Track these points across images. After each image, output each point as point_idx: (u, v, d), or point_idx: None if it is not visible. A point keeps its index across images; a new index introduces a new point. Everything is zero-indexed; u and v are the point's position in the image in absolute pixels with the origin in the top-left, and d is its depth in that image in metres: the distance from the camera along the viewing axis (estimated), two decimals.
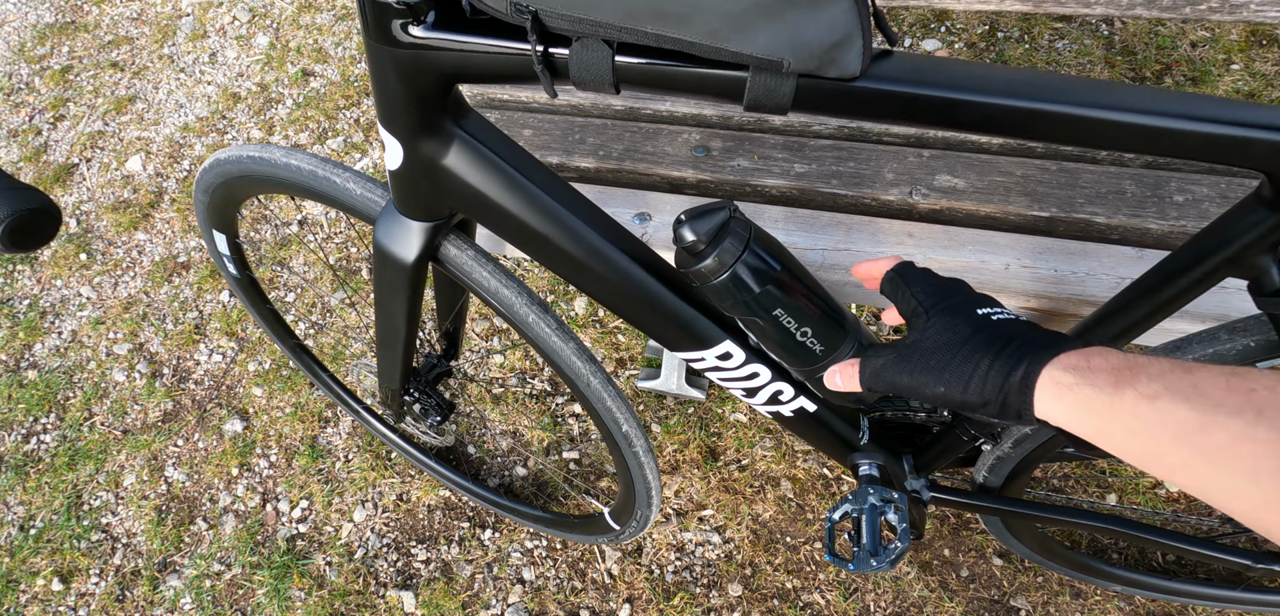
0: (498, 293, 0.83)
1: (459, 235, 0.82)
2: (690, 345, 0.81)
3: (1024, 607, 1.28)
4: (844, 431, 0.94)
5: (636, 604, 1.40)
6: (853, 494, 0.93)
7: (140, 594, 1.61)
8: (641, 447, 0.98)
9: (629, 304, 0.78)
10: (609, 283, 0.76)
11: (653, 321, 0.79)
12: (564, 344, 0.86)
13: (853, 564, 0.88)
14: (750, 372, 0.84)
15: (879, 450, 0.96)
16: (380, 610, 1.50)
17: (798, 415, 0.90)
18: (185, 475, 1.70)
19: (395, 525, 1.56)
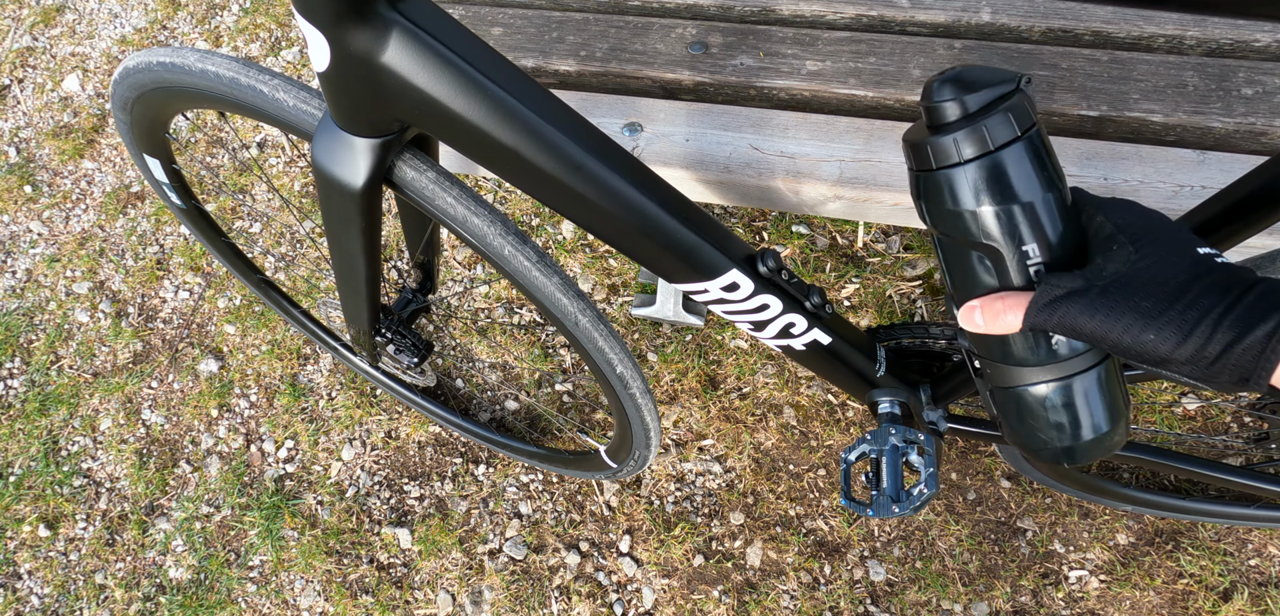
0: (466, 221, 0.71)
1: (416, 153, 0.69)
2: (691, 276, 0.72)
3: (1031, 528, 1.26)
4: (861, 364, 0.87)
5: (637, 535, 1.38)
6: (871, 433, 0.88)
7: (130, 538, 1.58)
8: (638, 388, 0.91)
9: (619, 230, 0.68)
10: (595, 206, 0.65)
11: (647, 250, 0.69)
12: (547, 278, 0.75)
13: (872, 509, 0.83)
14: (759, 304, 0.76)
15: (896, 383, 0.90)
16: (376, 548, 1.47)
17: (810, 348, 0.83)
18: (163, 418, 1.63)
19: (386, 462, 1.52)
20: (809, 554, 1.31)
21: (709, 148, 0.96)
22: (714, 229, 0.72)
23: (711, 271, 0.72)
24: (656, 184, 0.68)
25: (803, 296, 0.78)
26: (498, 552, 1.42)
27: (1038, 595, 1.24)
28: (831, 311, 0.81)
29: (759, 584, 1.31)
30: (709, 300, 0.76)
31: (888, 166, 0.93)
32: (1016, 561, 1.25)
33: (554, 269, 0.76)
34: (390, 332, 1.00)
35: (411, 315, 1.12)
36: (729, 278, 0.73)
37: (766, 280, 0.75)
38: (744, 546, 1.33)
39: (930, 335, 0.95)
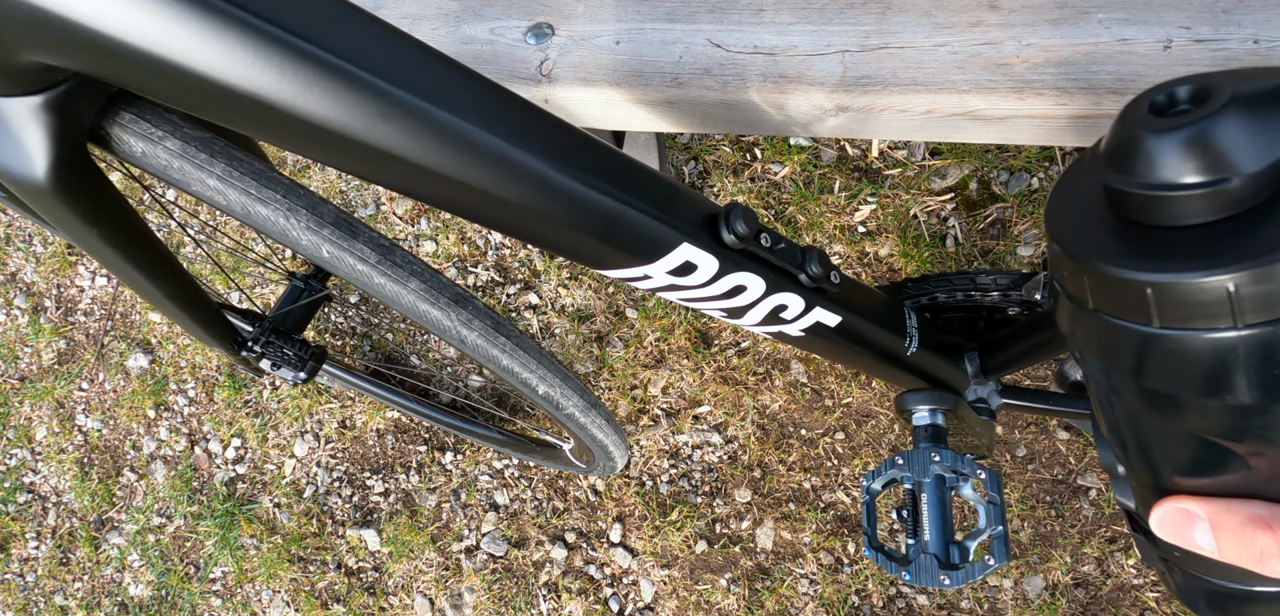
0: (246, 209, 0.46)
1: (143, 106, 0.45)
2: (620, 259, 0.49)
3: (1096, 486, 1.05)
4: (884, 341, 0.64)
5: (629, 522, 1.19)
6: (905, 455, 0.65)
7: (84, 555, 1.44)
8: (575, 405, 0.69)
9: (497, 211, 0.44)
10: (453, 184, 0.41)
11: (547, 233, 0.46)
12: (399, 285, 0.51)
13: (909, 572, 0.62)
14: (731, 287, 0.53)
15: (932, 354, 0.67)
16: (341, 552, 1.31)
17: (813, 333, 0.60)
18: (100, 422, 1.46)
19: (343, 455, 1.34)
20: (829, 531, 1.12)
21: (650, 50, 0.69)
22: (650, 185, 0.48)
23: (650, 250, 0.48)
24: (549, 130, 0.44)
25: (795, 266, 0.54)
26: (475, 549, 1.25)
27: (1104, 563, 1.04)
28: (839, 280, 0.57)
29: (773, 568, 1.13)
30: (654, 288, 0.53)
31: (915, 53, 0.65)
32: (1078, 526, 1.05)
33: (409, 268, 0.51)
34: (259, 348, 0.77)
35: (303, 313, 0.89)
36: (678, 256, 0.49)
37: (737, 253, 0.52)
38: (753, 527, 1.15)
39: (977, 285, 0.71)
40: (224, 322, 0.70)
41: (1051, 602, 1.05)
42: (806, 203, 1.15)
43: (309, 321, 0.89)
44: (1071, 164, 0.36)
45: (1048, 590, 1.05)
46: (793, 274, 0.55)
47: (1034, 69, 0.60)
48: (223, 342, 0.71)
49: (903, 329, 0.65)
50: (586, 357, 1.23)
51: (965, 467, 0.63)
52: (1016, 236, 1.08)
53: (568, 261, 1.24)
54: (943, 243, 1.11)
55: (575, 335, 1.23)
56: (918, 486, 0.64)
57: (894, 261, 1.12)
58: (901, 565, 0.62)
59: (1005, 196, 1.09)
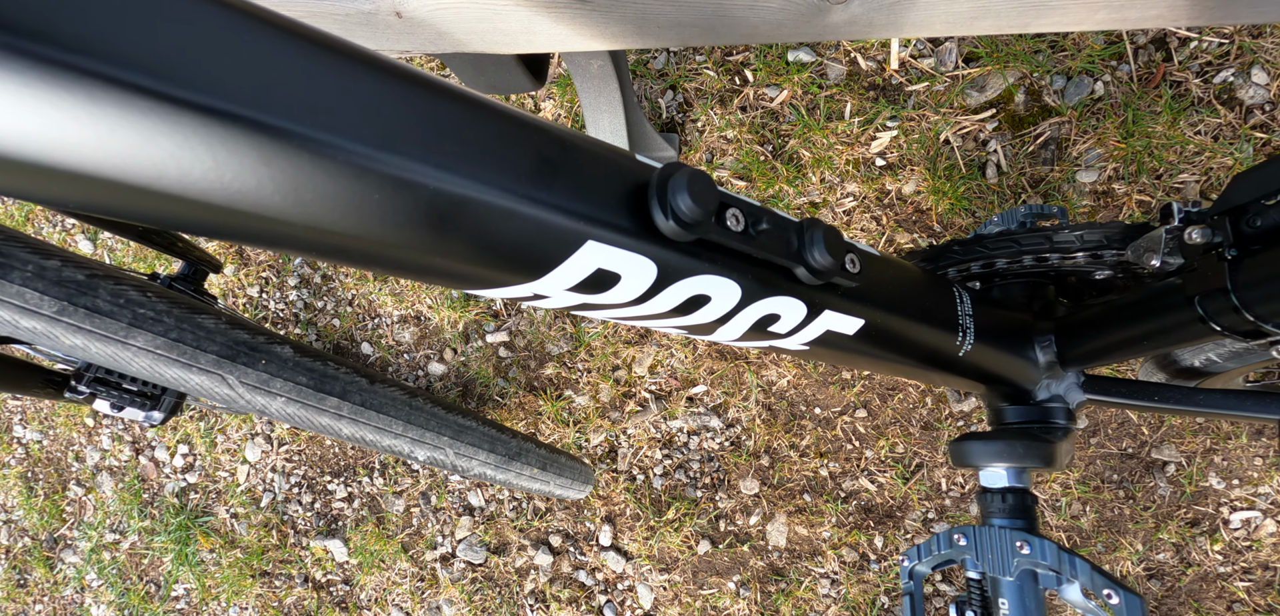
0: None
1: None
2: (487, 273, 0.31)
3: (1174, 460, 0.87)
4: (927, 341, 0.46)
5: (619, 522, 1.04)
6: (969, 533, 0.47)
7: (41, 576, 1.33)
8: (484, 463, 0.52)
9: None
10: (211, 207, 0.24)
11: (336, 240, 0.27)
12: (115, 341, 0.33)
13: None
14: (688, 296, 0.35)
15: (993, 347, 0.48)
16: (307, 564, 1.18)
17: (824, 345, 0.42)
18: (38, 433, 1.32)
19: (299, 458, 1.19)
20: (852, 524, 0.96)
21: None
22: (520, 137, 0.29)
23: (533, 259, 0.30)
24: (302, 53, 0.24)
25: (787, 255, 0.36)
26: (451, 557, 1.11)
27: (1183, 551, 0.87)
28: (857, 265, 0.39)
29: (787, 569, 0.98)
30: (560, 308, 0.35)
31: None
32: (1151, 507, 0.88)
33: (131, 317, 0.32)
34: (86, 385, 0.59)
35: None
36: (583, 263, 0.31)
37: (687, 248, 0.33)
38: (763, 523, 0.99)
39: (1057, 246, 0.50)
40: (10, 362, 0.53)
41: None
42: (811, 134, 0.94)
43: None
44: None
45: None
46: (785, 267, 0.37)
47: None
48: (22, 386, 0.54)
49: (953, 320, 0.46)
50: (559, 336, 1.05)
51: (1079, 575, 0.44)
52: (1076, 159, 0.87)
53: None
54: (981, 173, 0.90)
55: (543, 310, 1.05)
56: (990, 583, 0.46)
57: (921, 200, 0.92)
58: None
59: (1061, 109, 0.87)
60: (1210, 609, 0.86)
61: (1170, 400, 0.50)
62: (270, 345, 0.36)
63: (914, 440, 0.94)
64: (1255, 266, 0.36)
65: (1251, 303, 0.36)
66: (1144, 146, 0.82)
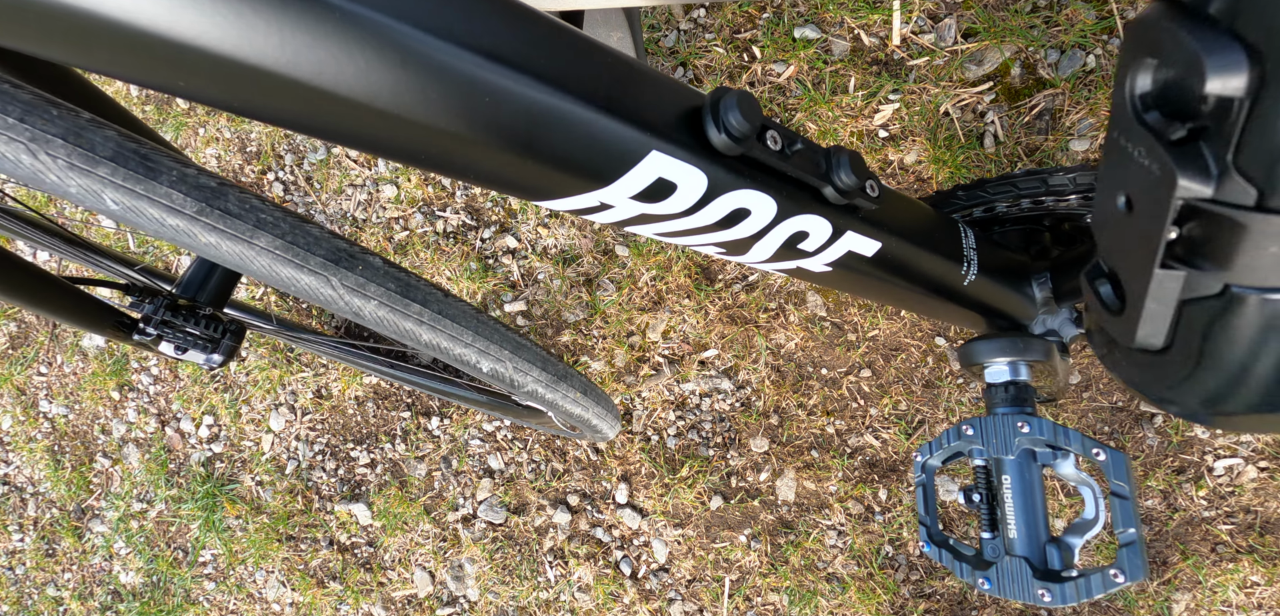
0: None
1: None
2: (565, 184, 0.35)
3: (1161, 413, 0.92)
4: (937, 270, 0.51)
5: (635, 480, 1.09)
6: (975, 423, 0.53)
7: (69, 545, 1.38)
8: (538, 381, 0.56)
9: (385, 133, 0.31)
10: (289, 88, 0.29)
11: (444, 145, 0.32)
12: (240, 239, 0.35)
13: (990, 580, 0.50)
14: (730, 211, 0.40)
15: (995, 280, 0.53)
16: (332, 528, 1.23)
17: (845, 266, 0.47)
18: (65, 408, 1.36)
19: (323, 426, 1.23)
20: (857, 478, 1.01)
21: None
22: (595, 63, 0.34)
23: (603, 166, 0.35)
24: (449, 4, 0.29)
25: (817, 175, 0.41)
26: (472, 518, 1.16)
27: (1170, 496, 0.92)
28: (878, 191, 0.44)
29: (796, 522, 1.03)
30: (619, 220, 0.39)
31: None
32: (1141, 456, 0.93)
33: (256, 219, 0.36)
34: (155, 328, 0.62)
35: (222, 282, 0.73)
36: (647, 172, 0.35)
37: (734, 161, 0.38)
38: (772, 479, 1.04)
39: (1051, 188, 0.56)
40: (91, 305, 0.57)
41: (1109, 541, 0.94)
42: (817, 107, 0.98)
43: (231, 291, 0.75)
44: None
45: (1105, 529, 0.94)
46: (814, 187, 0.41)
47: None
48: (98, 325, 0.58)
49: (958, 251, 0.51)
50: (575, 304, 1.09)
51: (1071, 443, 0.49)
52: (1069, 128, 0.91)
53: None
54: (980, 142, 0.94)
55: (561, 279, 1.09)
56: (995, 465, 0.51)
57: (923, 169, 0.96)
58: (977, 568, 0.50)
59: (1055, 81, 0.91)
60: (1195, 550, 0.92)
61: None
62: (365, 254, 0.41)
63: (916, 398, 0.99)
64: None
65: None
66: None
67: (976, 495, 0.51)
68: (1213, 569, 0.91)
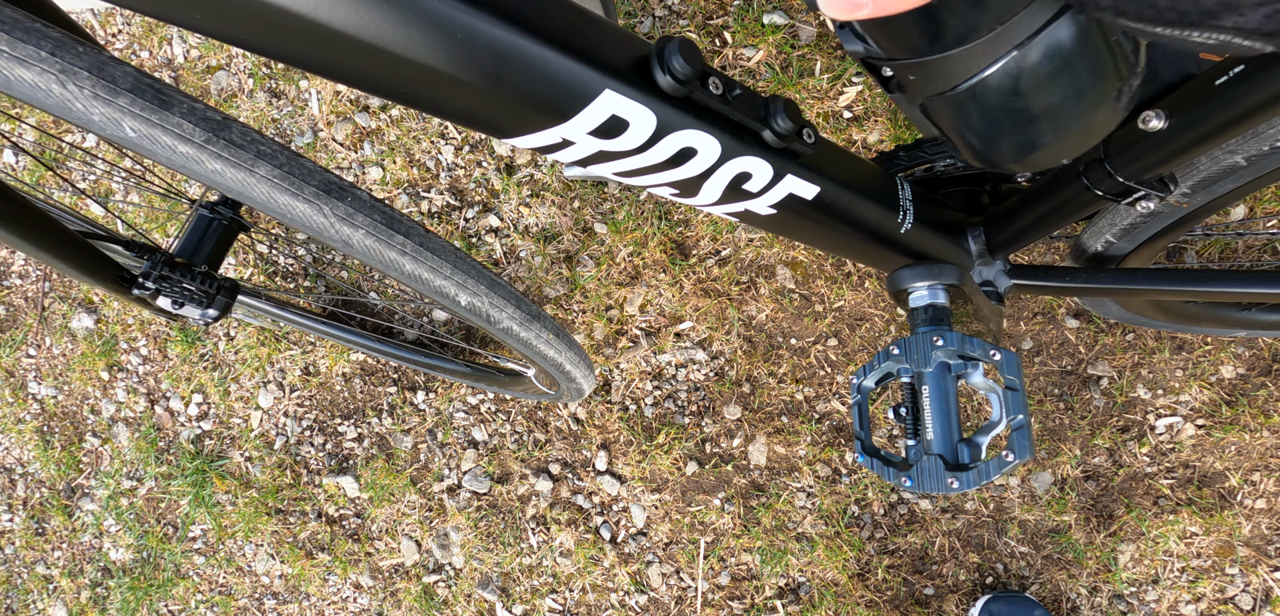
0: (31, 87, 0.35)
1: None
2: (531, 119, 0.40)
3: (1107, 375, 0.98)
4: (874, 217, 0.56)
5: (614, 448, 1.13)
6: (902, 343, 0.58)
7: (59, 524, 1.40)
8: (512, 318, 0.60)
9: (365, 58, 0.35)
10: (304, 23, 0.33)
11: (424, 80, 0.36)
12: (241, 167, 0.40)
13: (910, 478, 0.55)
14: (677, 150, 0.44)
15: (933, 234, 0.59)
16: (320, 501, 1.26)
17: (788, 209, 0.52)
18: (53, 389, 1.38)
19: (311, 403, 1.26)
20: (825, 442, 1.06)
21: None
22: (555, 10, 0.38)
23: (562, 102, 0.39)
24: None
25: (757, 119, 0.45)
26: (457, 488, 1.20)
27: (1115, 454, 0.99)
28: (815, 138, 0.48)
29: (767, 485, 1.08)
30: (579, 159, 0.44)
31: None
32: (1088, 417, 0.99)
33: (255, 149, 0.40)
34: (153, 283, 0.66)
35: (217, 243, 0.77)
36: (601, 109, 0.40)
37: (679, 102, 0.42)
38: (744, 444, 1.09)
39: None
40: (97, 258, 0.60)
41: (1060, 497, 1.00)
42: (784, 89, 1.03)
43: (224, 255, 0.78)
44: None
45: (1056, 485, 1.00)
46: (754, 131, 0.46)
47: None
48: (103, 280, 0.62)
49: (894, 201, 0.56)
50: (556, 280, 1.13)
51: (975, 350, 0.55)
52: None
53: (527, 177, 1.13)
54: None
55: (542, 256, 1.14)
56: (917, 378, 0.57)
57: (885, 147, 1.01)
58: (901, 470, 0.56)
59: None
60: (1139, 503, 0.98)
61: (1077, 279, 0.61)
62: (354, 189, 0.45)
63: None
64: (1119, 137, 0.46)
65: (1118, 166, 0.47)
66: None
67: (902, 408, 0.57)
68: (1155, 521, 0.98)
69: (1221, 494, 0.96)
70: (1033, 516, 1.01)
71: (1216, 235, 0.94)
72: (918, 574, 1.04)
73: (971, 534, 1.03)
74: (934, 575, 1.04)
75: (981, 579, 1.03)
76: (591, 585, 1.15)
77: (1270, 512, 0.95)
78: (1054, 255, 0.96)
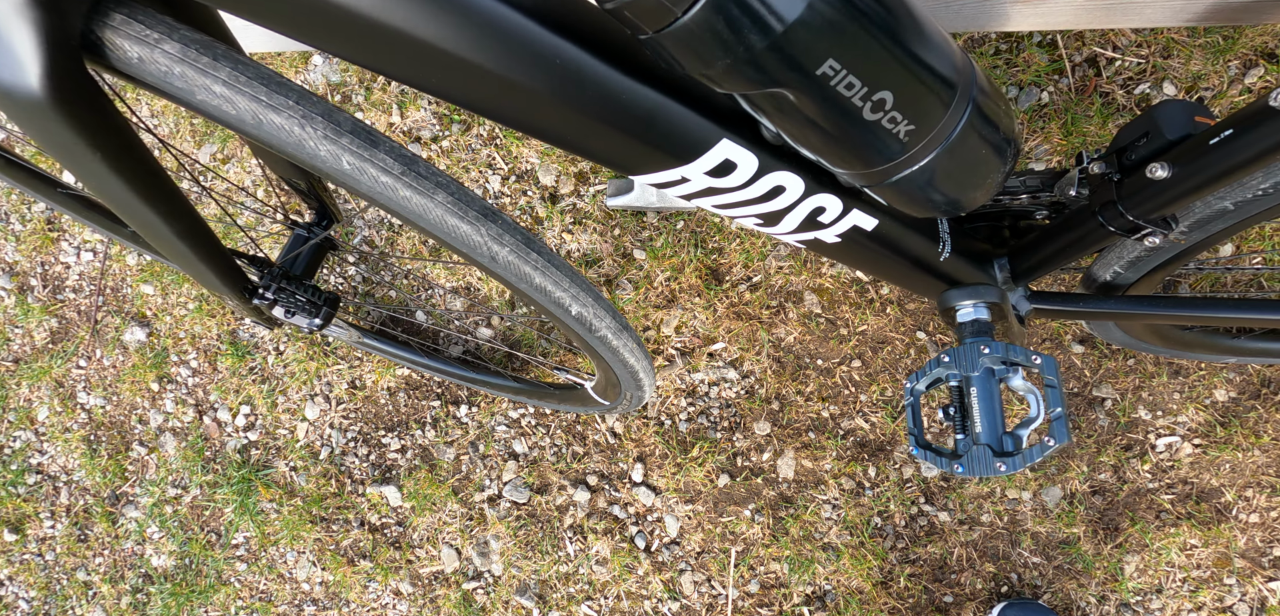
0: (257, 121, 0.43)
1: (142, 10, 0.42)
2: (656, 161, 0.48)
3: (1110, 397, 1.06)
4: (919, 248, 0.64)
5: (650, 461, 1.20)
6: (950, 352, 0.66)
7: (102, 531, 1.44)
8: (608, 326, 0.68)
9: (526, 106, 0.43)
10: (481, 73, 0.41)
11: (578, 129, 0.45)
12: (424, 194, 0.48)
13: (962, 464, 0.63)
14: (769, 189, 0.53)
15: (964, 260, 0.67)
16: (363, 510, 1.32)
17: (850, 239, 0.60)
18: (102, 399, 1.44)
19: (356, 415, 1.33)
20: (849, 457, 1.13)
21: None
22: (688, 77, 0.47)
23: (689, 148, 0.47)
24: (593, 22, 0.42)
25: None
26: (497, 498, 1.26)
27: (1119, 470, 1.06)
28: None
29: (795, 497, 1.15)
30: (693, 192, 0.52)
31: None
32: (1094, 435, 1.07)
33: (435, 180, 0.49)
34: (272, 294, 0.75)
35: (310, 259, 0.86)
36: (717, 154, 0.48)
37: (777, 149, 0.51)
38: (774, 458, 1.16)
39: (1006, 189, 0.70)
40: (234, 267, 0.68)
41: (1069, 510, 1.07)
42: None
43: (316, 268, 0.86)
44: None
45: (1066, 499, 1.08)
46: (830, 173, 0.54)
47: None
48: (233, 289, 0.69)
49: (936, 233, 0.64)
50: None
51: (1018, 356, 0.63)
52: (1027, 153, 1.06)
53: (569, 206, 1.21)
54: None
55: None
56: (965, 382, 0.65)
57: None
58: (952, 460, 0.63)
59: (1016, 113, 1.06)
60: (1142, 517, 1.06)
61: (1089, 303, 0.70)
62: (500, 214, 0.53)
63: (901, 386, 1.12)
64: (1130, 183, 0.55)
65: (1129, 207, 0.55)
66: (1080, 141, 1.02)
67: (951, 408, 0.65)
68: (1157, 533, 1.05)
69: (1218, 509, 1.04)
70: (1044, 528, 1.08)
71: (1208, 269, 1.03)
72: (937, 582, 1.11)
73: (987, 545, 1.10)
74: (952, 584, 1.11)
75: (997, 587, 1.10)
76: (626, 592, 1.21)
77: (1263, 526, 1.03)
78: (1061, 284, 1.05)
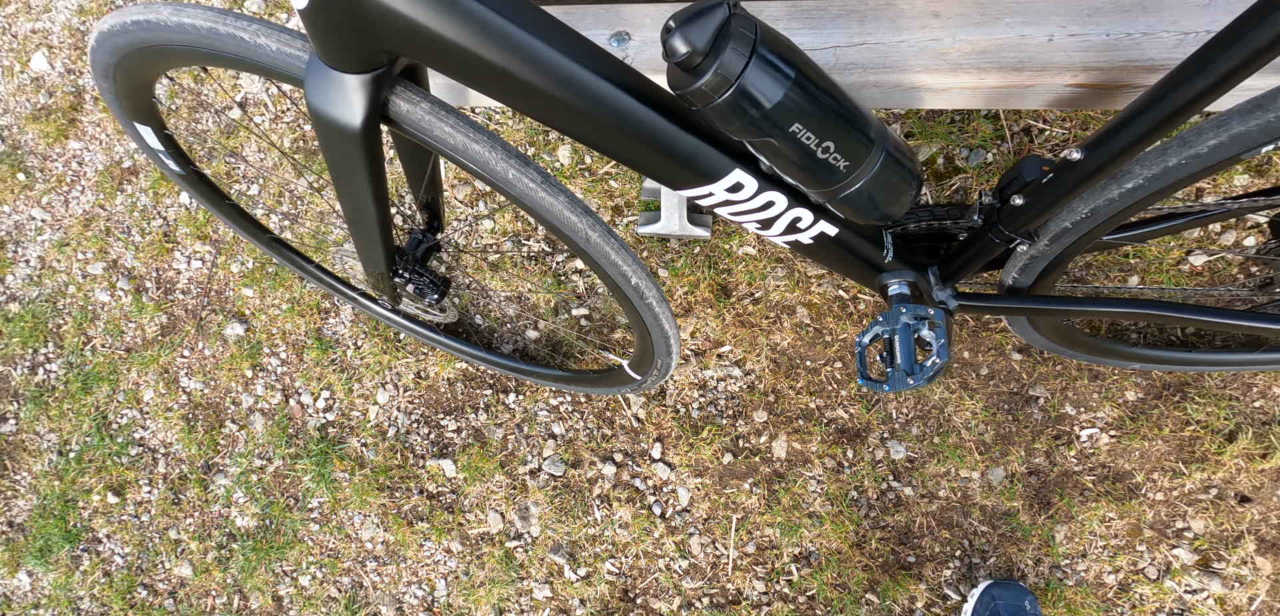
0: (467, 149, 0.71)
1: (408, 85, 0.69)
2: (694, 180, 0.74)
3: (1043, 395, 1.31)
4: (868, 252, 0.90)
5: (667, 441, 1.45)
6: (883, 315, 0.92)
7: (193, 495, 1.69)
8: (654, 297, 0.95)
9: (617, 141, 0.69)
10: (591, 118, 0.67)
11: (647, 158, 0.71)
12: (553, 198, 0.76)
13: (888, 384, 0.88)
14: (764, 202, 0.77)
15: (905, 266, 0.93)
16: (423, 479, 1.56)
17: (818, 241, 0.85)
18: (201, 384, 1.70)
19: (419, 401, 1.58)
20: (831, 441, 1.38)
21: None
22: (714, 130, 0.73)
23: (713, 173, 0.73)
24: (653, 90, 0.68)
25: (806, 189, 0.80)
26: (538, 471, 1.51)
27: (1051, 455, 1.31)
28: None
29: (786, 473, 1.39)
30: (714, 203, 0.78)
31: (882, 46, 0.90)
32: (1030, 427, 1.31)
33: (558, 188, 0.77)
34: (407, 273, 1.03)
35: (424, 254, 1.14)
36: (732, 178, 0.74)
37: (769, 176, 0.76)
38: (769, 441, 1.40)
39: (935, 215, 0.96)
40: (393, 252, 0.95)
41: (1011, 488, 1.31)
42: None
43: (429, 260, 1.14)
44: None
45: (1008, 478, 1.32)
46: (805, 195, 0.80)
47: (964, 56, 0.87)
48: (387, 264, 0.96)
49: (881, 243, 0.91)
50: None
51: (923, 313, 0.89)
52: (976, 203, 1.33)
53: None
54: None
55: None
56: (892, 333, 0.90)
57: None
58: (882, 383, 0.89)
59: (966, 168, 1.34)
60: (1069, 494, 1.30)
61: (998, 300, 0.95)
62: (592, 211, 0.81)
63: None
64: (1005, 210, 0.81)
65: (1006, 226, 0.82)
66: None
67: (884, 354, 0.90)
68: (1082, 508, 1.29)
69: (1130, 488, 1.28)
70: (990, 502, 1.32)
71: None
72: (903, 545, 1.35)
73: (944, 515, 1.34)
74: (915, 546, 1.34)
75: (953, 552, 1.33)
76: (643, 551, 1.44)
77: (1167, 503, 1.27)
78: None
